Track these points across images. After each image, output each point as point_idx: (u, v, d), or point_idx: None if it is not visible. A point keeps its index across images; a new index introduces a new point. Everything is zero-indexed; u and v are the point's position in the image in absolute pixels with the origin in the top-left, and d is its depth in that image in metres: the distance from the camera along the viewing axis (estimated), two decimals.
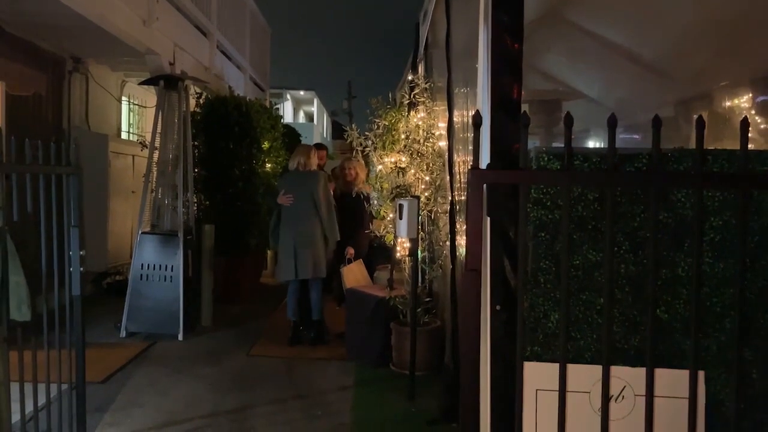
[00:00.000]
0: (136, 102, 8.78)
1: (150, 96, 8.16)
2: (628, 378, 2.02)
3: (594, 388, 2.12)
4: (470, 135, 3.25)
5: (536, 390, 2.12)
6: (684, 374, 1.87)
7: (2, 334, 2.59)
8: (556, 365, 2.12)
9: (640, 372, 1.91)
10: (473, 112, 1.65)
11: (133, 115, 8.88)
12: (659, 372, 1.83)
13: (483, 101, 2.25)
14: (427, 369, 4.41)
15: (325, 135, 31.71)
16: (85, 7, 4.67)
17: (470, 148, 3.24)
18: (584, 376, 2.08)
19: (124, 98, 8.34)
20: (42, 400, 2.89)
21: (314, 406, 4.00)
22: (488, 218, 2.02)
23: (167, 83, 5.94)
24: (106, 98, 7.66)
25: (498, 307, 2.15)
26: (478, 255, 1.49)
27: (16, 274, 2.59)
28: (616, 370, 1.99)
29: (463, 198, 3.60)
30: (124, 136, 8.40)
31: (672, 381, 1.90)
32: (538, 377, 2.10)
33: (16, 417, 2.74)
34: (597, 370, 2.10)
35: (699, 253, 1.69)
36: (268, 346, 5.35)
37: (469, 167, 1.57)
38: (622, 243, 2.04)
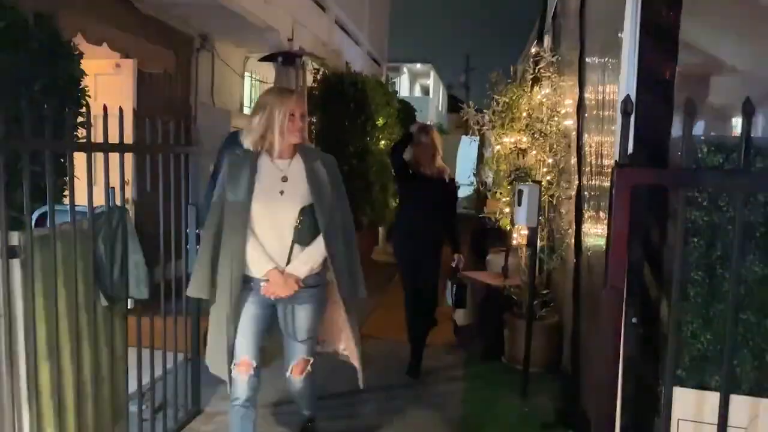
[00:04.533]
0: (257, 77, 9.00)
1: (272, 71, 8.33)
2: None
3: (753, 424, 1.79)
4: (605, 113, 2.89)
5: (678, 420, 1.83)
6: None
7: (122, 310, 2.67)
8: (707, 393, 1.81)
9: None
10: (618, 93, 1.38)
11: (254, 91, 9.12)
12: None
13: (627, 79, 1.94)
14: (542, 366, 4.12)
15: (440, 109, 31.34)
16: None
17: (605, 128, 2.90)
18: (741, 409, 1.76)
19: (246, 74, 8.57)
20: (159, 371, 2.98)
21: (423, 396, 3.87)
22: None
23: (285, 59, 5.97)
24: (229, 74, 7.89)
25: (634, 320, 1.86)
26: (622, 271, 1.23)
27: (135, 254, 2.64)
28: None
29: (592, 183, 3.25)
30: (246, 111, 8.66)
31: None
32: (682, 406, 1.80)
33: (133, 387, 2.83)
34: (760, 404, 1.77)
35: None
36: (378, 326, 5.29)
37: (615, 162, 1.31)
38: None
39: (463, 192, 7.92)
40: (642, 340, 1.87)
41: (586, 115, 3.54)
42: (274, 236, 2.54)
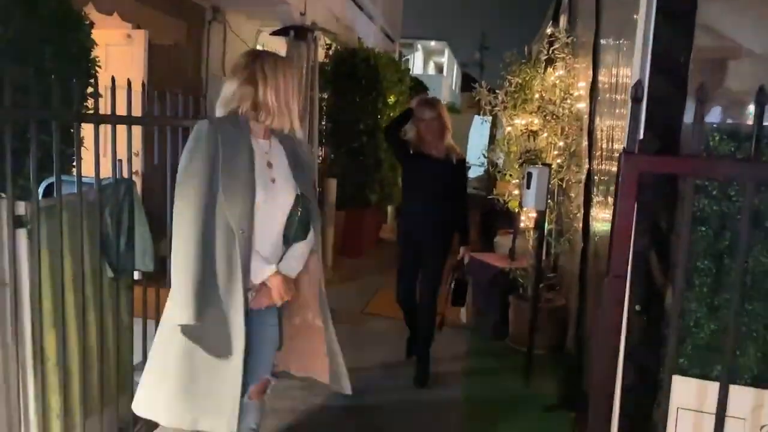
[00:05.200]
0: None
1: (284, 45, 8.27)
2: None
3: (753, 415, 1.78)
4: (618, 97, 2.85)
5: (677, 408, 1.83)
6: None
7: (128, 282, 2.69)
8: (708, 383, 1.80)
9: None
10: (631, 76, 1.35)
11: None
12: None
13: (640, 63, 1.89)
14: (547, 349, 4.13)
15: (453, 87, 31.06)
16: None
17: (617, 111, 2.85)
18: (743, 399, 1.75)
19: (258, 47, 8.51)
20: None
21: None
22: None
23: (297, 34, 5.91)
24: (241, 47, 7.81)
25: (638, 308, 1.85)
26: (625, 258, 1.22)
27: (142, 226, 2.65)
28: None
29: (602, 167, 3.21)
30: None
31: None
32: (682, 394, 1.80)
33: (138, 358, 2.86)
34: (763, 394, 1.77)
35: None
36: (382, 304, 5.32)
37: (623, 148, 1.29)
38: None
39: (474, 172, 7.88)
40: (645, 327, 1.86)
41: (599, 98, 3.49)
42: (270, 233, 2.07)
